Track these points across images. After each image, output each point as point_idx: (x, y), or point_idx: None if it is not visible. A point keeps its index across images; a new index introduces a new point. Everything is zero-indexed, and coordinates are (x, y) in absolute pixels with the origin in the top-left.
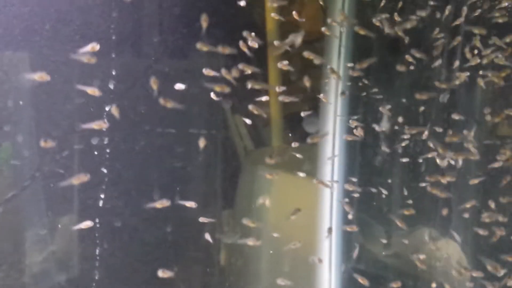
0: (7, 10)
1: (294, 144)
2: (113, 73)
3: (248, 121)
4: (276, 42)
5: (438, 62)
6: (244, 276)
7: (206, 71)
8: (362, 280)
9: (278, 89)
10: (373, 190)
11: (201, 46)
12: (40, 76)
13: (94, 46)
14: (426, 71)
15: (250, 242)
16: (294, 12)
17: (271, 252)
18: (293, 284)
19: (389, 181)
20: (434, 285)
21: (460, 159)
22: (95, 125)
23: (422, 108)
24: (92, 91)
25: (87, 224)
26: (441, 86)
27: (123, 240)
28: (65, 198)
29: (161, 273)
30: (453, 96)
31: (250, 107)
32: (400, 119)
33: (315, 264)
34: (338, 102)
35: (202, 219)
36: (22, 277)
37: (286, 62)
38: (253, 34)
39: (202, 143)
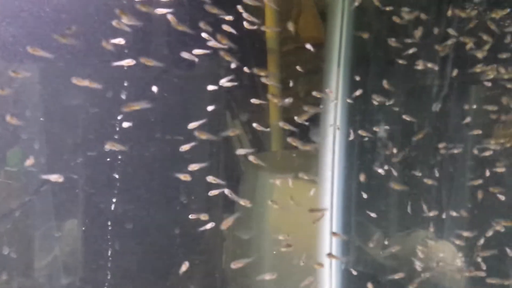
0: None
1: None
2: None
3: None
4: None
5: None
6: (248, 276)
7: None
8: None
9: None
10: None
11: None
12: None
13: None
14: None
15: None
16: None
17: (274, 253)
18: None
19: (387, 184)
20: None
21: None
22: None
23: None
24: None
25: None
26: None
27: (131, 244)
28: (77, 202)
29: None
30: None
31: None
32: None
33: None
34: (337, 109)
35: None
36: (38, 279)
37: None
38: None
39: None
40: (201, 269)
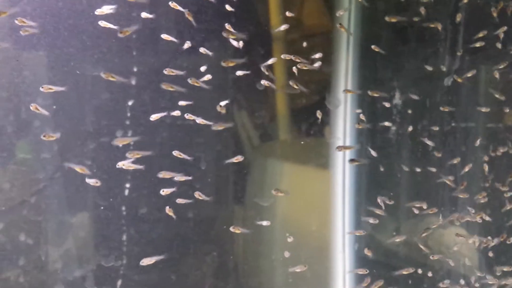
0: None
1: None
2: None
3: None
4: None
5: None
6: (258, 264)
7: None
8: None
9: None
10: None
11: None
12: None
13: None
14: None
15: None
16: None
17: (288, 239)
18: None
19: (398, 169)
20: None
21: None
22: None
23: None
24: None
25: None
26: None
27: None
28: (88, 190)
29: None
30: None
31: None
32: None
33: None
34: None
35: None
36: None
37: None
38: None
39: None
40: (213, 258)
